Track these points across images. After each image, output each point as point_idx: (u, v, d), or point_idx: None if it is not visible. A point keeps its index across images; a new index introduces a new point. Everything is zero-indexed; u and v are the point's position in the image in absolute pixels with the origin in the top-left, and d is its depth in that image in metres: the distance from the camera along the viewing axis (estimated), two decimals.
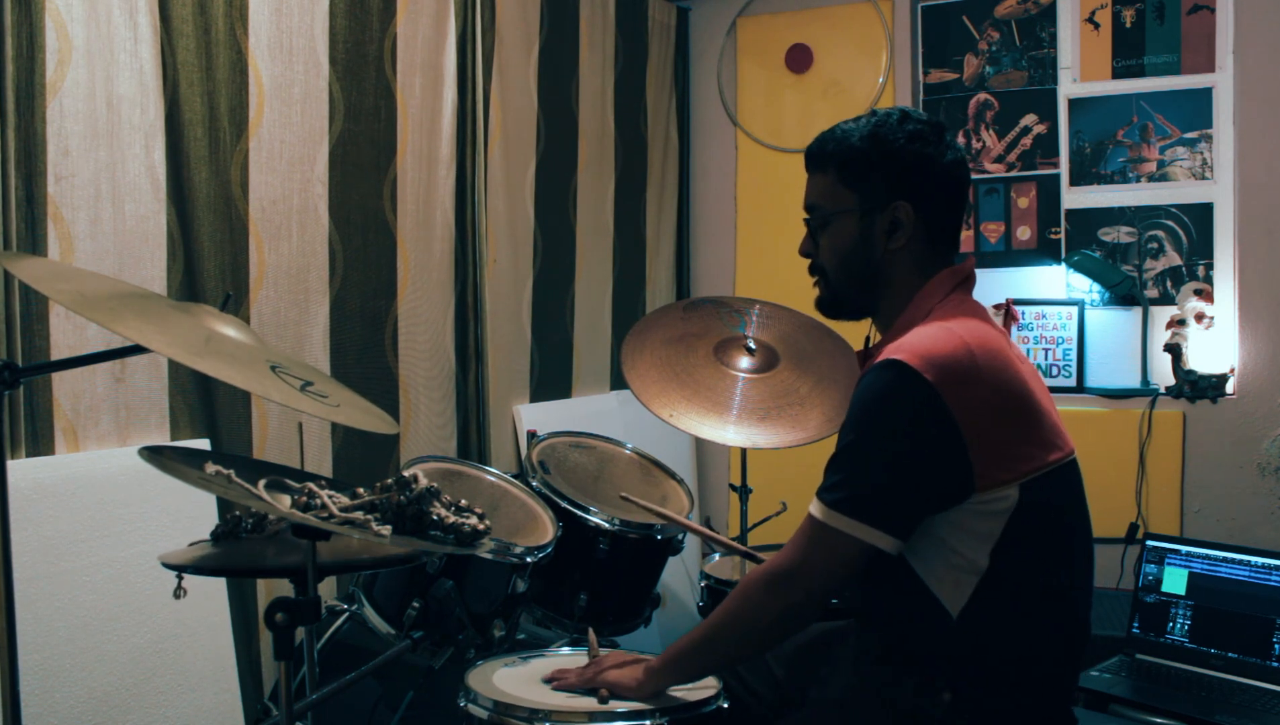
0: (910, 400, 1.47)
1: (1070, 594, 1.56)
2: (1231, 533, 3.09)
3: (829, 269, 1.69)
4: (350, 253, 2.51)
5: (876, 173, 1.62)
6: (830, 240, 1.67)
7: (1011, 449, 1.49)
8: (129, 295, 1.42)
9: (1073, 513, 1.59)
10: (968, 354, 1.48)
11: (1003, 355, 1.52)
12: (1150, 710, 2.28)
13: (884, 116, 1.64)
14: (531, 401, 3.16)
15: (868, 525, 1.48)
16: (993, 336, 1.54)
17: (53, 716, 1.83)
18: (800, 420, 2.50)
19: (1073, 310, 3.37)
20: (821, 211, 1.67)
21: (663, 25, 3.78)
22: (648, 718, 1.60)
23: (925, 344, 1.49)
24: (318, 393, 1.40)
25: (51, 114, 1.90)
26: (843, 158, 1.64)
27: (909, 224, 1.61)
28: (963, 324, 1.54)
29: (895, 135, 1.61)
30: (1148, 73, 3.29)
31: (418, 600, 1.96)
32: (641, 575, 2.40)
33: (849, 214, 1.64)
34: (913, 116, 1.63)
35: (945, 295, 1.61)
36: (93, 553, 1.92)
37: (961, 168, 1.65)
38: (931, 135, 1.62)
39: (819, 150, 1.68)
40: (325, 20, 2.42)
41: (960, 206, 1.67)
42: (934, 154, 1.61)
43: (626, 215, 3.61)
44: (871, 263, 1.64)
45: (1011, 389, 1.51)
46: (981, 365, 1.48)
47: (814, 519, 1.53)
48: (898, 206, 1.61)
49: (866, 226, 1.63)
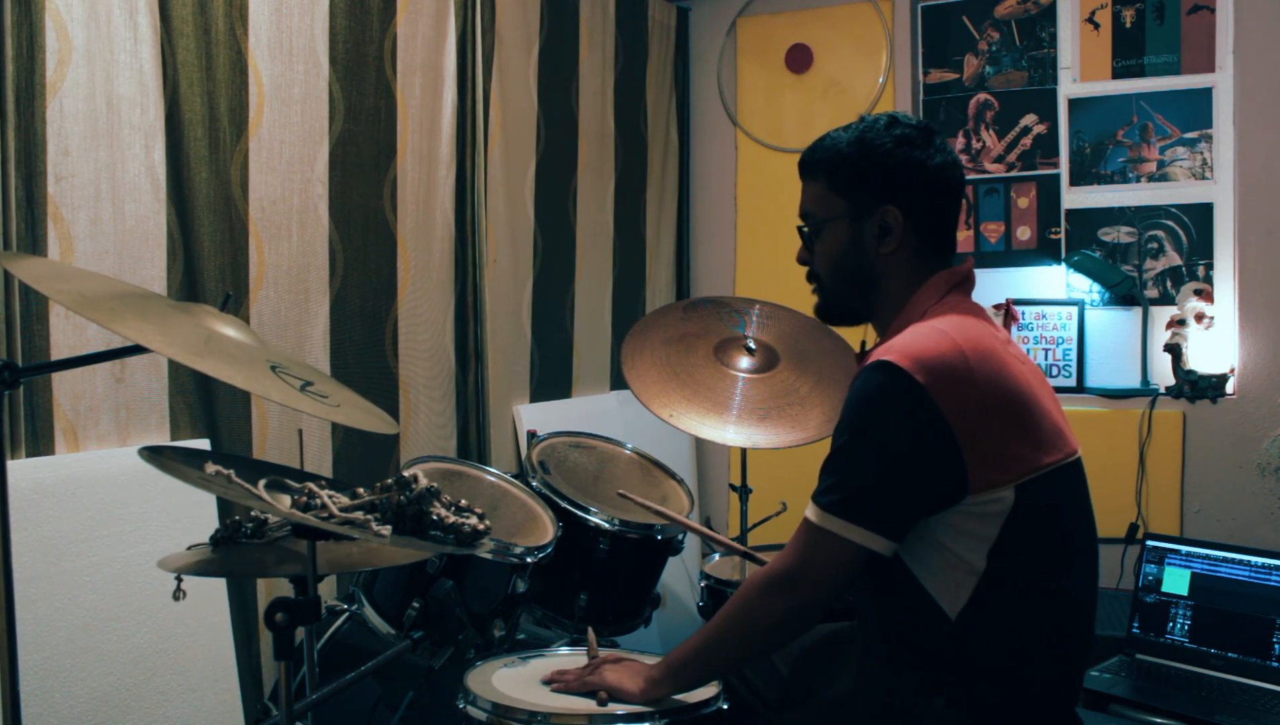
0: (901, 401, 1.47)
1: (1071, 596, 1.55)
2: (1231, 533, 3.09)
3: (824, 276, 1.70)
4: (350, 253, 2.51)
5: (864, 178, 1.63)
6: (824, 247, 1.68)
7: (1006, 450, 1.49)
8: (129, 295, 1.42)
9: (1073, 514, 1.58)
10: (959, 354, 1.48)
11: (996, 356, 1.52)
12: (1150, 710, 2.28)
13: (871, 122, 1.65)
14: (531, 401, 3.16)
15: (861, 527, 1.48)
16: (987, 337, 1.54)
17: (53, 716, 1.83)
18: (800, 420, 2.50)
19: (1073, 310, 3.37)
20: (814, 219, 1.69)
21: (663, 25, 3.78)
22: (648, 720, 1.60)
23: (916, 345, 1.49)
24: (318, 393, 1.40)
25: (51, 114, 1.90)
26: (832, 165, 1.66)
27: (899, 228, 1.62)
28: (955, 324, 1.54)
29: (881, 140, 1.62)
30: (1148, 73, 3.29)
31: (418, 600, 1.96)
32: (641, 575, 2.40)
33: (840, 220, 1.65)
34: (900, 121, 1.64)
35: (941, 297, 1.61)
36: (93, 553, 1.92)
37: (952, 170, 1.65)
38: (919, 139, 1.62)
39: (810, 159, 1.70)
40: (325, 20, 2.42)
41: (952, 209, 1.67)
42: (922, 157, 1.61)
43: (626, 215, 3.61)
44: (864, 268, 1.65)
45: (1006, 390, 1.50)
46: (974, 366, 1.48)
47: (809, 522, 1.53)
48: (886, 211, 1.62)
49: (857, 232, 1.64)
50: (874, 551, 1.49)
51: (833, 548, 1.50)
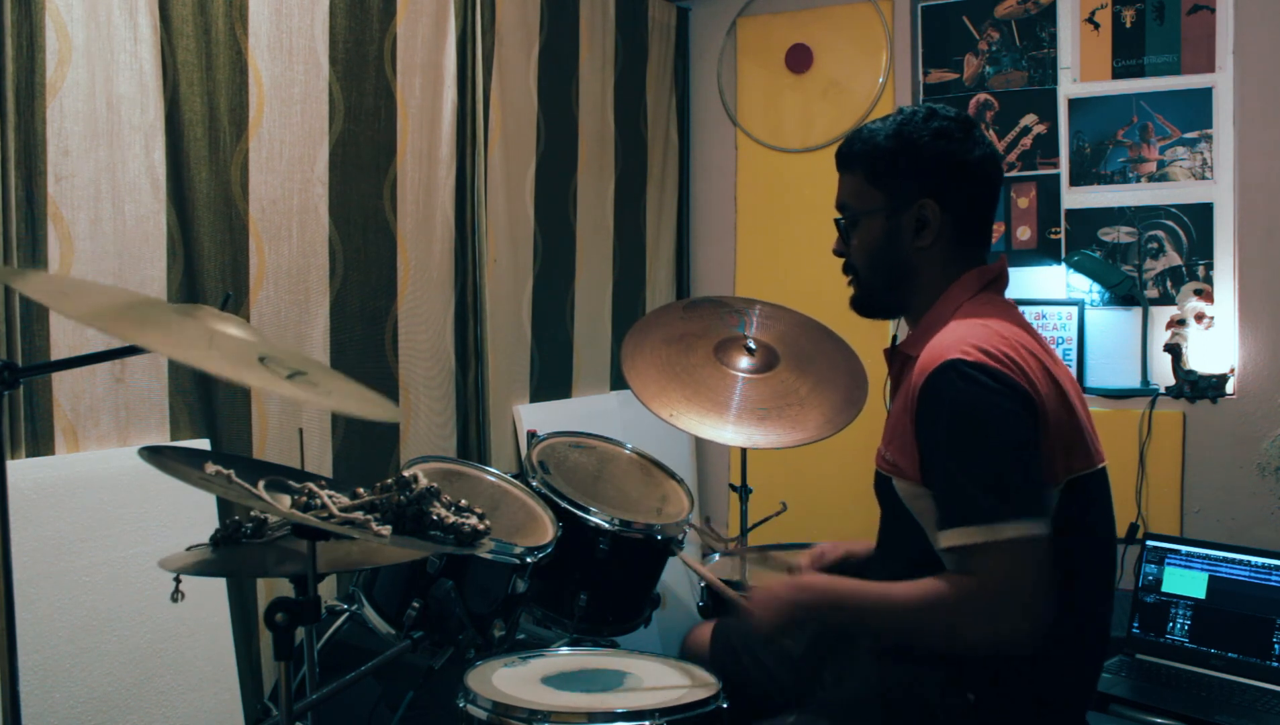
0: (1000, 389, 1.44)
1: (1090, 603, 1.55)
2: (1231, 533, 3.09)
3: (860, 268, 1.69)
4: (350, 253, 2.51)
5: (902, 171, 1.62)
6: (860, 240, 1.67)
7: (1064, 447, 1.49)
8: (134, 305, 1.42)
9: (1102, 520, 1.58)
10: (1015, 349, 1.48)
11: (1038, 359, 1.52)
12: (1150, 710, 2.28)
13: (910, 114, 1.64)
14: (531, 401, 3.16)
15: (1029, 520, 1.41)
16: (1029, 341, 1.54)
17: (53, 716, 1.83)
18: (800, 420, 2.50)
19: (1073, 310, 3.37)
20: (851, 211, 1.68)
21: (663, 25, 3.78)
22: (647, 718, 1.60)
23: (974, 339, 1.48)
24: (308, 381, 1.39)
25: (51, 114, 1.90)
26: (869, 157, 1.65)
27: (936, 222, 1.61)
28: (1000, 324, 1.53)
29: (920, 133, 1.61)
30: (1148, 73, 3.29)
31: (418, 600, 1.96)
32: (641, 575, 2.40)
33: (877, 213, 1.64)
34: (939, 114, 1.62)
35: (974, 293, 1.61)
36: (93, 553, 1.92)
37: (991, 163, 1.64)
38: (958, 131, 1.61)
39: (847, 150, 1.68)
40: (325, 20, 2.42)
41: (991, 202, 1.66)
42: (960, 150, 1.61)
43: (626, 215, 3.61)
44: (900, 261, 1.64)
45: (1055, 390, 1.51)
46: (1027, 363, 1.49)
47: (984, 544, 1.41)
48: (924, 205, 1.61)
49: (894, 225, 1.63)
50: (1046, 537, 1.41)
51: (1022, 554, 1.40)
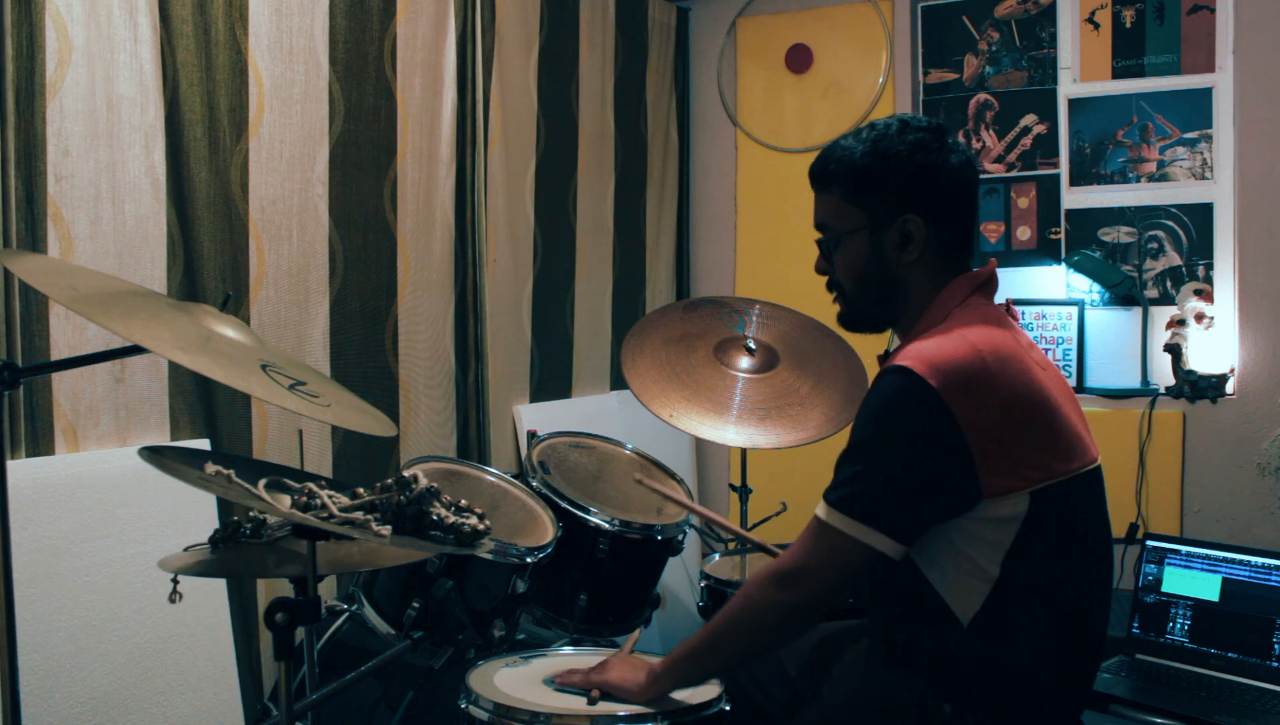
0: (915, 407, 1.46)
1: (1085, 605, 1.55)
2: (1231, 533, 3.09)
3: (846, 286, 1.67)
4: (350, 253, 2.51)
5: (882, 188, 1.60)
6: (844, 258, 1.65)
7: (1023, 457, 1.47)
8: (126, 293, 1.42)
9: (1090, 522, 1.57)
10: (978, 360, 1.47)
11: (1017, 362, 1.50)
12: (1150, 710, 2.28)
13: (884, 129, 1.61)
14: (531, 401, 3.16)
15: (868, 527, 1.48)
16: (1008, 342, 1.53)
17: (53, 716, 1.83)
18: (800, 420, 2.50)
19: (1073, 310, 3.37)
20: (832, 231, 1.66)
21: (663, 25, 3.78)
22: (650, 721, 1.60)
23: (933, 351, 1.48)
24: (308, 392, 1.40)
25: (51, 114, 1.90)
26: (846, 176, 1.62)
27: (920, 235, 1.59)
28: (977, 329, 1.52)
29: (897, 147, 1.59)
30: (1148, 73, 3.29)
31: (418, 600, 1.96)
32: (641, 576, 2.40)
33: (859, 232, 1.62)
34: (912, 125, 1.60)
35: (963, 300, 1.60)
36: (93, 553, 1.92)
37: (968, 170, 1.62)
38: (934, 142, 1.59)
39: (822, 170, 1.66)
40: (325, 20, 2.42)
41: (971, 209, 1.65)
42: (938, 161, 1.59)
43: (626, 215, 3.61)
44: (887, 277, 1.63)
45: (1025, 396, 1.49)
46: (994, 371, 1.47)
47: (818, 519, 1.52)
48: (908, 219, 1.59)
49: (878, 242, 1.61)
50: (880, 552, 1.48)
51: (838, 545, 1.49)
